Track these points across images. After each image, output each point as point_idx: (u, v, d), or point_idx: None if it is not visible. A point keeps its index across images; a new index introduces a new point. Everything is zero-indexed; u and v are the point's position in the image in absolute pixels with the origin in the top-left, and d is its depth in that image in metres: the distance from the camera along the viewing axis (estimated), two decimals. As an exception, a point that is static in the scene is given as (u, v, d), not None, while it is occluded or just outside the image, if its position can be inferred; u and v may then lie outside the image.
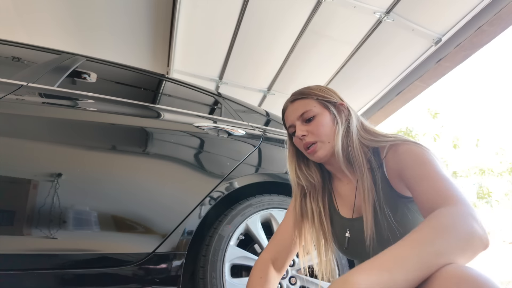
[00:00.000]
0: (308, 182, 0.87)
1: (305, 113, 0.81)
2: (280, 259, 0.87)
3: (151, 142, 1.25)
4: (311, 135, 0.79)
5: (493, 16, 2.31)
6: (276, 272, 0.87)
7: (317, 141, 0.79)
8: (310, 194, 0.88)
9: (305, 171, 0.88)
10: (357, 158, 0.76)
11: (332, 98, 0.83)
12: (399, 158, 0.70)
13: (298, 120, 0.82)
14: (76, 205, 0.98)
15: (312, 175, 0.87)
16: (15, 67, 1.29)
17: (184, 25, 2.64)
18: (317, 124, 0.79)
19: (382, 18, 2.51)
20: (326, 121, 0.80)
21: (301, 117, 0.81)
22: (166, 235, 1.06)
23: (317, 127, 0.79)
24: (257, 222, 1.27)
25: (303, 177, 0.87)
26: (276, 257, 0.87)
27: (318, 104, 0.81)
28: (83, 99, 1.22)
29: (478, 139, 8.85)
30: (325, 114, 0.81)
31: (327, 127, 0.79)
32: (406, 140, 0.72)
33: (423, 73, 2.93)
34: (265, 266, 0.86)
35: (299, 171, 0.88)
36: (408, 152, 0.69)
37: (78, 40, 2.81)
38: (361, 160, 0.75)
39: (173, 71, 3.11)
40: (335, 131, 0.79)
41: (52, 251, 0.92)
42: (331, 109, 0.81)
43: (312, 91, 0.83)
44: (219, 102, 1.71)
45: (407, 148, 0.70)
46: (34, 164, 0.97)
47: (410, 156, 0.69)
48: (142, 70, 1.70)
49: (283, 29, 2.71)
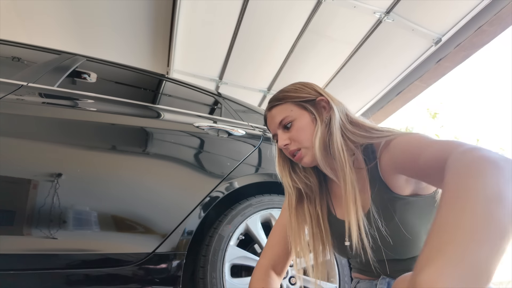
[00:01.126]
0: (305, 185, 0.82)
1: (283, 120, 0.76)
2: (280, 264, 0.85)
3: (151, 142, 1.25)
4: (293, 143, 0.75)
5: (493, 16, 2.31)
6: (277, 277, 0.85)
7: (301, 148, 0.74)
8: (307, 196, 0.83)
9: (300, 173, 0.83)
10: (338, 156, 0.70)
11: (309, 96, 0.77)
12: (392, 151, 0.66)
13: (279, 128, 0.77)
14: (76, 205, 0.98)
15: (308, 177, 0.83)
16: (15, 67, 1.29)
17: (184, 25, 2.64)
18: (297, 129, 0.74)
19: (382, 18, 2.51)
20: (305, 124, 0.75)
21: (280, 124, 0.77)
22: (166, 235, 1.06)
23: (297, 133, 0.74)
24: (257, 222, 1.27)
25: (299, 179, 0.82)
26: (275, 263, 0.85)
27: (295, 107, 0.76)
28: (83, 99, 1.22)
29: (478, 139, 8.86)
30: (304, 116, 0.75)
31: (308, 130, 0.74)
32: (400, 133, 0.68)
33: (423, 73, 2.94)
34: (266, 274, 0.83)
35: (294, 175, 0.83)
36: (399, 142, 0.65)
37: (78, 40, 2.81)
38: (342, 158, 0.70)
39: (173, 71, 3.11)
40: (314, 133, 0.73)
41: (52, 251, 0.92)
42: (309, 109, 0.76)
43: (287, 94, 0.78)
44: (219, 102, 1.71)
45: (398, 140, 0.66)
46: (34, 164, 0.97)
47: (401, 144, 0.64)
48: (142, 70, 1.70)
49: (283, 29, 2.71)
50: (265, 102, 3.55)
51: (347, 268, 1.31)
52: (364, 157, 0.73)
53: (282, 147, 0.76)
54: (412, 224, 0.67)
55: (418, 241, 0.68)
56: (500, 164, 0.43)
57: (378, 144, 0.70)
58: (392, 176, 0.68)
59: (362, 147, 0.73)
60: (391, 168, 0.67)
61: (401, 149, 0.64)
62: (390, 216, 0.67)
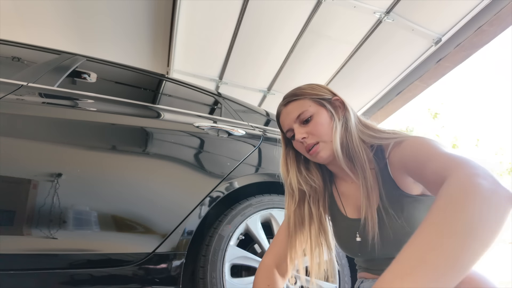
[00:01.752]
0: (309, 186, 0.83)
1: (301, 114, 0.77)
2: (284, 264, 0.85)
3: (151, 142, 1.25)
4: (311, 136, 0.76)
5: (493, 16, 2.31)
6: (280, 278, 0.85)
7: (319, 142, 0.75)
8: (311, 197, 0.84)
9: (306, 174, 0.84)
10: (357, 154, 0.73)
11: (325, 95, 0.79)
12: (402, 152, 0.68)
13: (295, 122, 0.78)
14: (76, 205, 0.98)
15: (314, 178, 0.84)
16: (15, 67, 1.29)
17: (184, 25, 2.64)
18: (315, 124, 0.76)
19: (382, 18, 2.51)
20: (324, 119, 0.76)
21: (298, 119, 0.78)
22: (166, 235, 1.06)
23: (316, 127, 0.76)
24: (257, 222, 1.27)
25: (304, 181, 0.83)
26: (279, 262, 0.85)
27: (313, 103, 0.78)
28: (83, 99, 1.22)
29: (478, 139, 8.86)
30: (322, 112, 0.77)
31: (326, 125, 0.76)
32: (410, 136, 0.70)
33: (423, 73, 2.94)
34: (270, 272, 0.83)
35: (300, 176, 0.84)
36: (410, 144, 0.67)
37: (78, 40, 2.81)
38: (362, 156, 0.72)
39: (173, 71, 3.11)
40: (333, 128, 0.76)
41: (52, 251, 0.92)
42: (327, 106, 0.78)
43: (304, 90, 0.80)
44: (219, 102, 1.71)
45: (410, 141, 0.67)
46: (34, 164, 0.97)
47: (412, 147, 0.66)
48: (142, 70, 1.70)
49: (283, 29, 2.71)
50: (265, 102, 3.55)
51: (347, 268, 1.31)
52: (375, 156, 0.75)
53: (300, 140, 0.77)
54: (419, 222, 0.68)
55: None
56: (490, 202, 0.45)
57: (387, 145, 0.72)
58: (401, 176, 0.71)
59: (373, 148, 0.76)
60: (399, 168, 0.69)
61: (410, 152, 0.66)
62: (399, 213, 0.70)
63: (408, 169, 0.66)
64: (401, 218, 0.69)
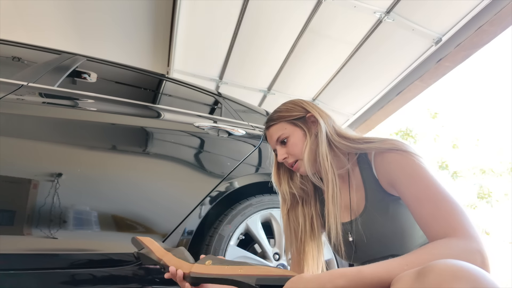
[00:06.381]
0: (301, 190, 0.92)
1: (279, 137, 0.86)
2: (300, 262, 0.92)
3: (151, 142, 1.25)
4: (290, 156, 0.85)
5: (493, 16, 2.31)
6: None
7: (297, 160, 0.84)
8: (303, 200, 0.92)
9: (297, 180, 0.93)
10: (322, 162, 0.79)
11: (299, 114, 0.86)
12: (389, 168, 0.72)
13: (277, 144, 0.87)
14: (76, 205, 0.99)
15: (305, 183, 0.92)
16: (15, 67, 1.29)
17: (184, 25, 2.64)
18: (291, 145, 0.84)
19: (382, 18, 2.51)
20: (298, 139, 0.84)
21: (277, 141, 0.87)
22: (166, 234, 1.06)
23: (292, 148, 0.84)
24: (257, 222, 1.26)
25: (296, 186, 0.92)
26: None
27: (288, 125, 0.86)
28: (83, 99, 1.22)
29: (478, 139, 8.85)
30: (297, 132, 0.85)
31: (301, 144, 0.84)
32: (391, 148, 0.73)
33: (423, 73, 2.93)
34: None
35: (292, 183, 0.92)
36: (396, 163, 0.71)
37: (79, 39, 2.81)
38: (326, 163, 0.79)
39: (173, 71, 3.11)
40: (304, 146, 0.83)
41: (52, 251, 0.92)
42: (300, 125, 0.85)
43: (280, 114, 0.88)
44: (219, 102, 1.71)
45: (394, 158, 0.72)
46: (34, 164, 0.97)
47: (399, 168, 0.70)
48: (142, 70, 1.70)
49: (283, 29, 2.71)
50: (265, 102, 3.55)
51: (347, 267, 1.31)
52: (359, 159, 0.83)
53: (281, 161, 0.86)
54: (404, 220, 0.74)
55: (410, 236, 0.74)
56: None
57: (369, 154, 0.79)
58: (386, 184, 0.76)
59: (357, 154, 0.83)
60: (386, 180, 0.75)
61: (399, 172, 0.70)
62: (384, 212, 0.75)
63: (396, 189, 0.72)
64: (387, 216, 0.74)
